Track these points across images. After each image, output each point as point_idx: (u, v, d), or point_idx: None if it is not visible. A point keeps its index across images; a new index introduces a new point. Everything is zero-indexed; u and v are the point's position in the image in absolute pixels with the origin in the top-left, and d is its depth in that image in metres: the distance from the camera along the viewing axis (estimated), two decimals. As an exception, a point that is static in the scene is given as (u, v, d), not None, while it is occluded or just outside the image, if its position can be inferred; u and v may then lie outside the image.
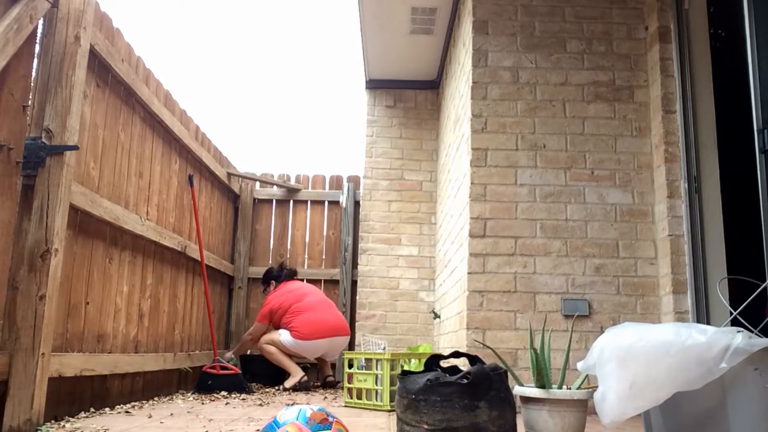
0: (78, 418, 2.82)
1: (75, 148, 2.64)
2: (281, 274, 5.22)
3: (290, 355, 4.84)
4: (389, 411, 3.35)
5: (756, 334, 1.75)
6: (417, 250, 5.58)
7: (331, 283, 5.75)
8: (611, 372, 1.74)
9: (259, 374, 5.14)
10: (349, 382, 3.68)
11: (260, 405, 3.56)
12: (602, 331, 3.23)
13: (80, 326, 3.00)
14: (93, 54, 2.98)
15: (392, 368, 3.49)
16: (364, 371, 3.60)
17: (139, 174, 3.63)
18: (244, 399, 3.93)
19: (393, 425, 2.77)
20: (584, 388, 2.23)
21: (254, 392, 4.39)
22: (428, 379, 2.02)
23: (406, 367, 3.63)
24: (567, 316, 3.38)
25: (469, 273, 3.44)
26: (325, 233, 5.86)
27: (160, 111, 3.83)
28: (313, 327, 4.77)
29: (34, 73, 2.67)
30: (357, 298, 5.55)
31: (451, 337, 4.13)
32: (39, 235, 2.51)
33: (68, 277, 2.87)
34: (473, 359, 2.21)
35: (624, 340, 1.77)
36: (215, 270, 5.09)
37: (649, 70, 3.62)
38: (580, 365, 1.94)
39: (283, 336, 4.79)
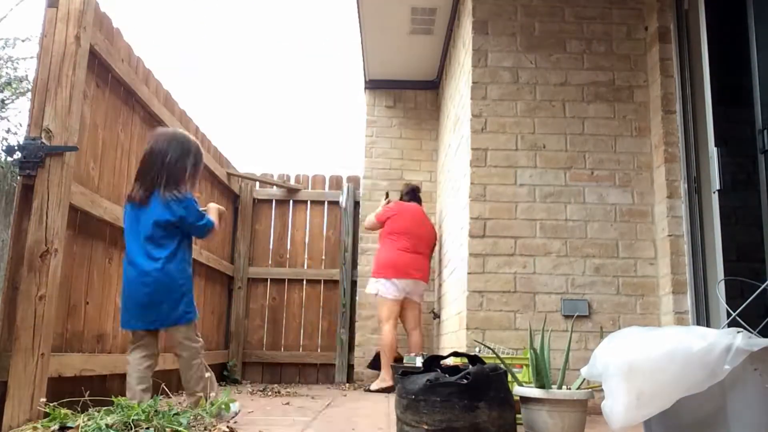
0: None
1: (75, 149, 2.64)
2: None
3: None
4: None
5: (755, 334, 1.75)
6: (417, 251, 5.56)
7: (331, 284, 5.74)
8: (617, 385, 1.75)
9: None
10: None
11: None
12: (602, 332, 3.23)
13: (80, 326, 3.00)
14: (93, 54, 2.97)
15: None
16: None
17: (139, 174, 3.63)
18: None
19: (393, 425, 2.77)
20: (584, 389, 2.23)
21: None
22: (428, 380, 2.02)
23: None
24: (567, 317, 3.38)
25: (469, 273, 3.44)
26: (324, 233, 5.85)
27: (159, 111, 3.83)
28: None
29: (34, 73, 2.67)
30: (357, 298, 5.55)
31: (450, 337, 4.13)
32: (38, 235, 2.50)
33: (68, 277, 2.87)
34: (473, 359, 2.21)
35: (627, 354, 1.77)
36: (215, 270, 5.09)
37: (648, 71, 3.62)
38: (583, 372, 1.94)
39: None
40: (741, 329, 1.71)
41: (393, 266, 4.72)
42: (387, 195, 5.17)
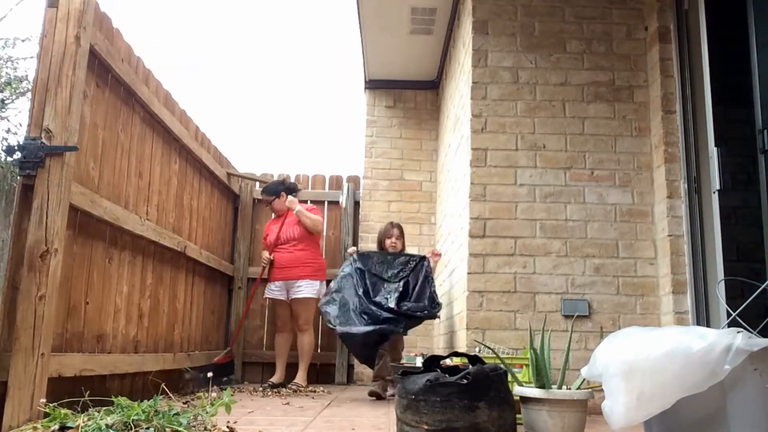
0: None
1: (75, 149, 2.64)
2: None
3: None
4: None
5: (755, 334, 1.75)
6: (417, 251, 5.57)
7: (331, 283, 5.73)
8: (617, 386, 1.75)
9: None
10: None
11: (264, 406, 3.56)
12: (602, 332, 3.23)
13: (80, 326, 3.00)
14: (93, 54, 2.97)
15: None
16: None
17: (139, 174, 3.63)
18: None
19: (393, 425, 2.77)
20: (584, 388, 2.23)
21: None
22: (428, 380, 2.02)
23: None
24: (567, 316, 3.38)
25: (469, 273, 3.44)
26: (325, 233, 5.85)
27: (159, 111, 3.83)
28: None
29: (34, 73, 2.67)
30: (357, 298, 5.54)
31: (450, 337, 4.14)
32: (39, 235, 2.50)
33: (68, 277, 2.87)
34: (473, 359, 2.22)
35: (627, 354, 1.77)
36: (215, 270, 5.09)
37: (648, 71, 3.62)
38: (583, 372, 1.94)
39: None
40: (741, 329, 1.71)
41: (324, 269, 4.99)
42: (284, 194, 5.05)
